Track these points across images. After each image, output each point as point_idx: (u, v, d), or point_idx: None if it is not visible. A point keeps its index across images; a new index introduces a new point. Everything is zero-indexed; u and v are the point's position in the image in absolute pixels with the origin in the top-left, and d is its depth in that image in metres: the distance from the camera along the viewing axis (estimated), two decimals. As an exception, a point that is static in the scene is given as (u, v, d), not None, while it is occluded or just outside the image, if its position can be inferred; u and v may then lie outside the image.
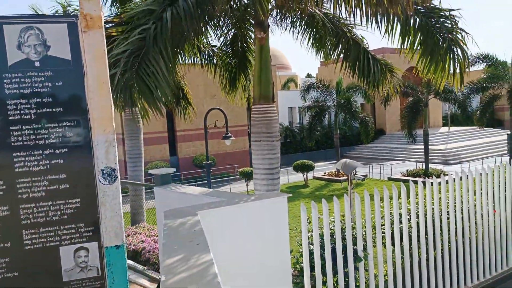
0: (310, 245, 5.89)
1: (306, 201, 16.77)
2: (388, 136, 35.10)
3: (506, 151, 24.12)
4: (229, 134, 11.62)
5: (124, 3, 10.31)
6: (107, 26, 6.47)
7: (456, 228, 7.46)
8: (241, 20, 7.62)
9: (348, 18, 6.86)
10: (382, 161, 25.48)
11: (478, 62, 19.27)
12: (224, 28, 7.99)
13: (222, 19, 7.48)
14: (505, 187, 8.35)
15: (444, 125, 38.10)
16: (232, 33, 8.58)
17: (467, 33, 6.17)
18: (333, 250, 5.99)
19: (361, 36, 8.14)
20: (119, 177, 2.25)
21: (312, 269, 5.80)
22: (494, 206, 8.20)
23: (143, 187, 12.51)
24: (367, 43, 8.17)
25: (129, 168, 12.73)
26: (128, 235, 10.64)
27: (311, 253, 5.82)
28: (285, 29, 7.94)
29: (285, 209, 4.53)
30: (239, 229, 4.23)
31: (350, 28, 7.84)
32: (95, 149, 2.13)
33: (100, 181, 2.17)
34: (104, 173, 2.18)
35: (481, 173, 8.11)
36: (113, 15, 9.04)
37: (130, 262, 7.97)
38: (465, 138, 31.71)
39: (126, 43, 5.22)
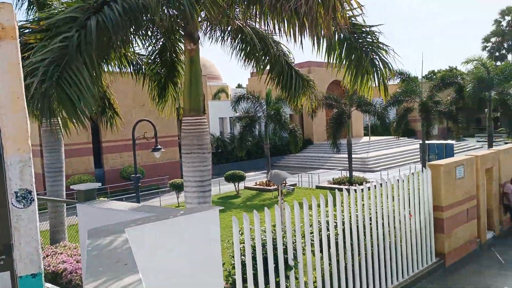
0: (242, 256, 5.91)
1: (238, 211, 16.81)
2: (315, 146, 36.75)
3: (419, 159, 26.45)
4: (159, 146, 11.28)
5: (42, 8, 9.58)
6: (23, 31, 5.96)
7: (377, 233, 8.01)
8: (170, 31, 7.51)
9: (275, 34, 7.11)
10: (310, 170, 26.57)
11: (394, 77, 21.10)
12: (152, 37, 7.80)
13: (150, 28, 7.30)
14: (419, 193, 9.19)
15: (365, 135, 40.93)
16: (161, 43, 8.41)
17: (387, 46, 6.71)
18: (265, 260, 6.08)
19: (288, 51, 8.48)
20: (35, 200, 2.07)
21: (244, 281, 5.82)
22: (410, 211, 8.97)
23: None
24: (293, 57, 8.53)
25: (48, 183, 11.74)
26: (47, 256, 9.78)
27: (243, 264, 5.84)
28: (216, 41, 7.99)
29: (216, 222, 4.50)
30: (169, 245, 4.10)
31: (276, 43, 8.14)
32: (8, 170, 1.94)
33: (14, 205, 1.98)
34: (18, 196, 1.98)
35: (398, 180, 8.83)
36: (30, 20, 8.34)
37: (49, 285, 7.30)
38: (384, 147, 34.35)
39: (46, 51, 4.85)
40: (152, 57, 8.66)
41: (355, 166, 26.58)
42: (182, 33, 7.26)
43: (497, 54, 47.45)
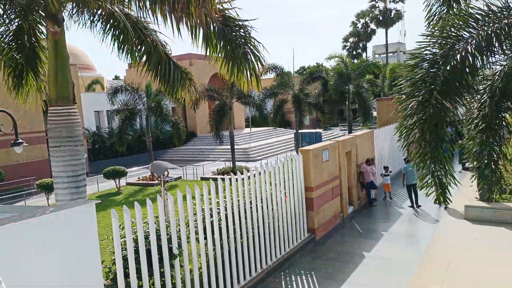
0: (123, 251, 5.72)
1: (119, 208, 15.95)
2: (199, 138, 36.93)
3: (294, 147, 28.70)
4: (20, 140, 9.96)
5: None
6: None
7: (257, 216, 8.56)
8: (28, 10, 6.70)
9: (150, 22, 6.95)
10: (195, 162, 26.65)
11: (270, 71, 22.54)
12: (4, 16, 6.84)
13: (1, 6, 6.41)
14: (293, 176, 10.08)
15: (246, 126, 42.71)
16: (16, 23, 7.43)
17: (258, 42, 7.11)
18: (148, 252, 6.00)
19: (165, 42, 8.35)
20: None
21: (127, 275, 5.65)
22: (285, 193, 9.79)
23: None
24: (170, 48, 8.44)
25: None
26: None
27: (125, 259, 5.67)
28: (84, 26, 7.40)
29: (92, 218, 4.27)
30: (37, 246, 3.75)
31: (153, 32, 7.95)
32: None
33: None
34: None
35: (274, 167, 9.54)
36: None
37: None
38: (264, 138, 36.39)
39: None
40: (6, 40, 7.60)
41: (238, 157, 27.57)
42: (43, 14, 6.55)
43: (354, 52, 54.32)
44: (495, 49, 4.22)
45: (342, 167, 12.43)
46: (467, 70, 4.15)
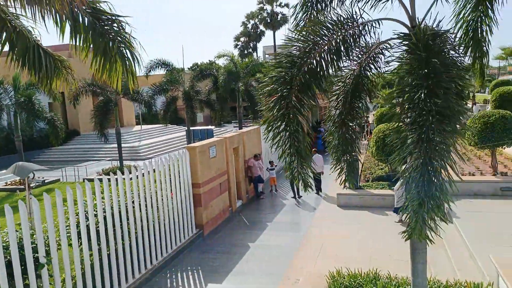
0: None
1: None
2: (83, 137, 34.08)
3: (186, 145, 28.45)
4: None
5: None
6: None
7: (140, 215, 8.32)
8: None
9: (11, 5, 6.22)
10: (79, 163, 24.54)
11: (158, 67, 21.93)
12: None
13: None
14: (180, 173, 10.03)
15: (137, 124, 40.83)
16: None
17: (134, 38, 6.85)
18: (9, 264, 5.39)
19: (31, 27, 7.52)
20: None
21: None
22: (171, 190, 9.69)
23: None
24: (39, 35, 7.63)
25: None
26: None
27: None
28: None
29: None
30: None
31: (14, 17, 7.09)
32: None
33: None
34: None
35: (159, 165, 9.36)
36: None
37: None
38: (155, 135, 35.24)
39: None
40: None
41: (127, 155, 26.26)
42: None
43: (245, 52, 56.09)
44: (343, 55, 4.82)
45: (230, 162, 12.79)
46: (321, 72, 4.67)
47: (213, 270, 8.72)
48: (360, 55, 5.57)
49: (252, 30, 55.40)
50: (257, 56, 57.92)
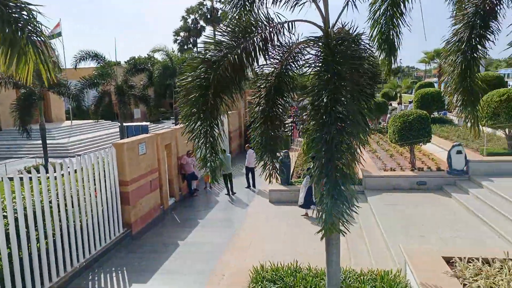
0: None
1: None
2: (4, 133, 31.34)
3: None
4: None
5: None
6: None
7: (59, 215, 7.83)
8: None
9: None
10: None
11: (88, 59, 20.71)
12: None
13: None
14: (106, 170, 9.59)
15: (68, 119, 38.35)
16: None
17: (46, 27, 6.40)
18: None
19: None
20: None
21: None
22: (95, 188, 9.24)
23: None
24: None
25: None
26: None
27: None
28: None
29: None
30: None
31: None
32: None
33: None
34: None
35: (82, 162, 8.88)
36: None
37: None
38: (87, 131, 33.33)
39: None
40: None
41: (55, 152, 24.64)
42: None
43: (185, 47, 55.11)
44: (261, 55, 4.92)
45: (161, 159, 12.50)
46: (238, 71, 4.74)
47: (139, 270, 8.47)
48: (281, 54, 5.73)
49: (192, 25, 54.54)
50: (197, 51, 57.21)
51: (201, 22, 54.16)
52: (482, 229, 8.70)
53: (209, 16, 51.86)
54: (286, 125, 22.81)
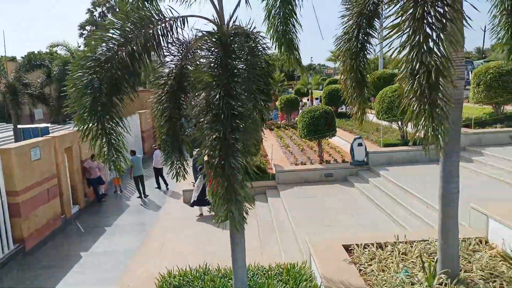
0: None
1: None
2: None
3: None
4: None
5: None
6: None
7: None
8: None
9: None
10: None
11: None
12: None
13: None
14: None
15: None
16: None
17: None
18: None
19: None
20: None
21: None
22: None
23: None
24: None
25: None
26: None
27: None
28: None
29: None
30: None
31: None
32: None
33: None
34: None
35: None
36: None
37: None
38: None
39: None
40: None
41: None
42: None
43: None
44: (153, 51, 4.66)
45: (61, 164, 11.41)
46: (131, 69, 4.42)
47: (33, 289, 7.62)
48: (181, 51, 5.51)
49: (99, 19, 51.06)
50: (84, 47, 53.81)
51: (109, 16, 50.96)
52: (379, 215, 9.43)
53: (117, 10, 48.98)
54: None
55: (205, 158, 4.13)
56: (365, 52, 5.58)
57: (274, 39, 6.00)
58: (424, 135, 3.64)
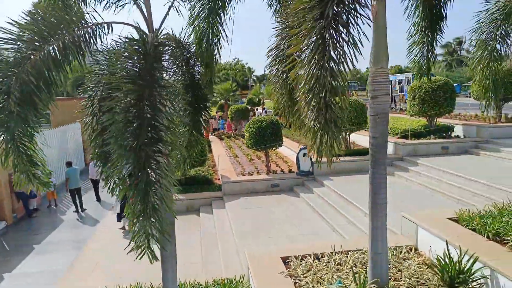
0: None
1: None
2: None
3: None
4: None
5: None
6: None
7: None
8: None
9: None
10: None
11: None
12: None
13: None
14: None
15: None
16: None
17: None
18: None
19: None
20: None
21: None
22: None
23: None
24: None
25: None
26: None
27: None
28: None
29: None
30: None
31: None
32: None
33: None
34: None
35: None
36: None
37: None
38: None
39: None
40: None
41: None
42: None
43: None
44: (78, 56, 4.37)
45: (-15, 177, 10.48)
46: (45, 75, 4.11)
47: None
48: (108, 59, 5.23)
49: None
50: None
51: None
52: (321, 225, 9.55)
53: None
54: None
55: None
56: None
57: (198, 48, 5.83)
58: (318, 149, 3.79)
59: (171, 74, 5.26)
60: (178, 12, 4.80)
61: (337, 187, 11.32)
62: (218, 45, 5.40)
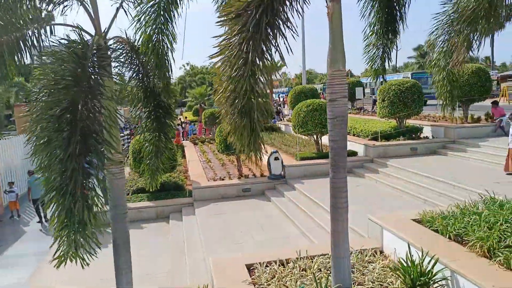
0: None
1: None
2: None
3: None
4: None
5: None
6: None
7: None
8: None
9: None
10: None
11: None
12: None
13: None
14: None
15: None
16: None
17: None
18: None
19: None
20: None
21: None
22: None
23: None
24: None
25: None
26: None
27: None
28: None
29: None
30: None
31: None
32: None
33: None
34: None
35: None
36: None
37: None
38: None
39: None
40: None
41: None
42: None
43: None
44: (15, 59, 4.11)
45: None
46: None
47: None
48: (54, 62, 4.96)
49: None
50: None
51: None
52: (291, 229, 9.44)
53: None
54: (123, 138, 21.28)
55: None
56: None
57: (148, 53, 5.58)
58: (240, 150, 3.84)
59: (128, 78, 5.04)
60: (126, 13, 4.59)
61: (308, 191, 11.26)
62: (169, 44, 5.17)
